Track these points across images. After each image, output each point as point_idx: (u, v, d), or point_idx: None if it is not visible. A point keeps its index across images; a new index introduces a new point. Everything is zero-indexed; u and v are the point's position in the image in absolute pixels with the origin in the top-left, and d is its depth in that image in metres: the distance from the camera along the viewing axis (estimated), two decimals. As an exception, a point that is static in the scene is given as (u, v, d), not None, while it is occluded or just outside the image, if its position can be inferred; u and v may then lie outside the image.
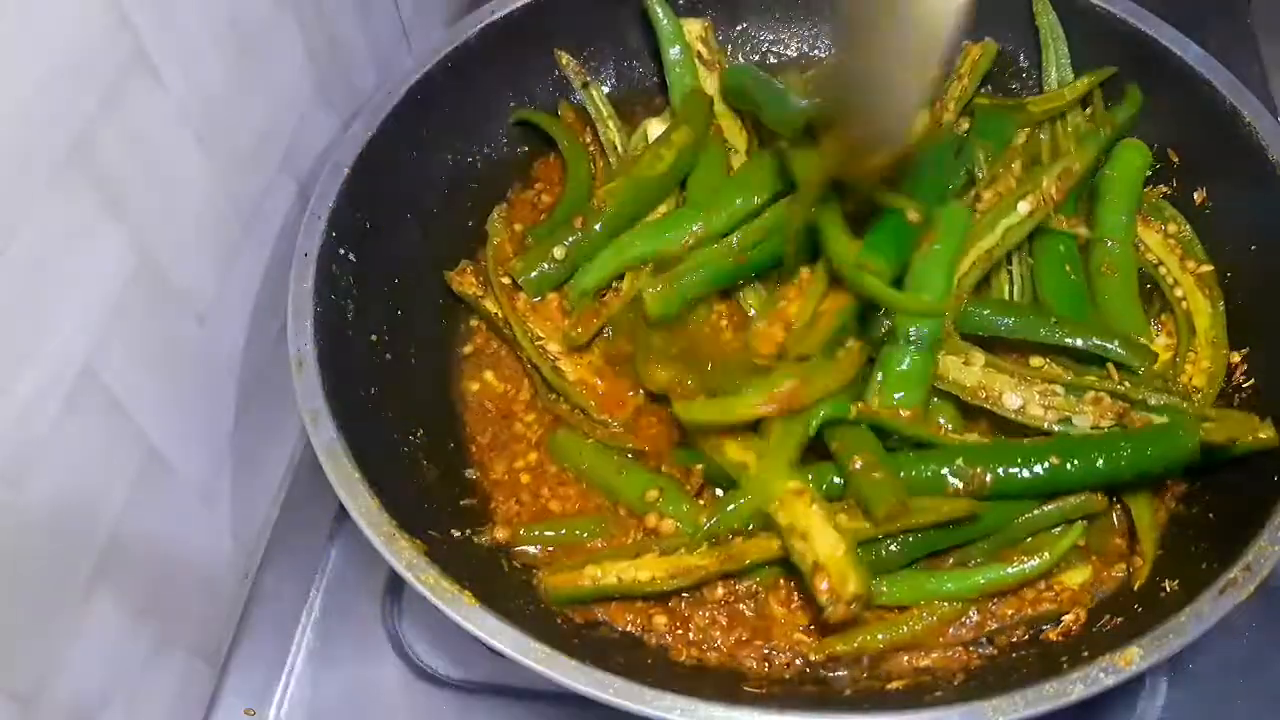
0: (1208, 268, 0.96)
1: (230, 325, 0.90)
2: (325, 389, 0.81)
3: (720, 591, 0.84)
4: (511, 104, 1.11)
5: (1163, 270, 0.98)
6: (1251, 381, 0.90)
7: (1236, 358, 0.92)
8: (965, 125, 1.08)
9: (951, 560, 0.85)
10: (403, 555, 0.74)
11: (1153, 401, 0.84)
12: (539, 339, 0.98)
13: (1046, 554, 0.82)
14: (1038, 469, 0.81)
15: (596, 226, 1.00)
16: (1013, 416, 0.86)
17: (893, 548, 0.82)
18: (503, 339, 1.01)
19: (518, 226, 1.07)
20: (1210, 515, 0.84)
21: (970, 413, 0.89)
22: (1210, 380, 0.91)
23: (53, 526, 0.68)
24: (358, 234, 0.92)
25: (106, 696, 0.77)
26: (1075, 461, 0.81)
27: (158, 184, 0.76)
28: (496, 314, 0.99)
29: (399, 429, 0.90)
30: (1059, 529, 0.85)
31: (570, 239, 0.99)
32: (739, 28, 1.19)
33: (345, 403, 0.82)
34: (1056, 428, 0.85)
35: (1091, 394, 0.86)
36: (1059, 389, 0.87)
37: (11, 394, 0.62)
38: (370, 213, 0.95)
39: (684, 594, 0.84)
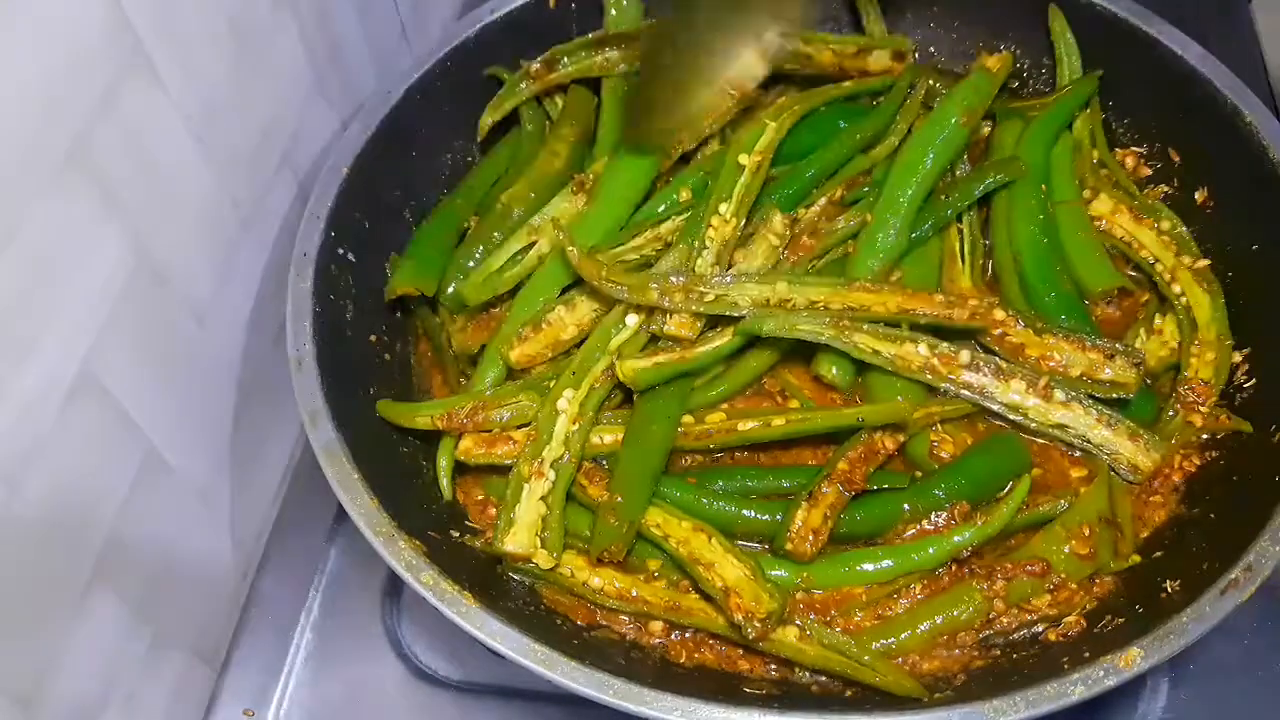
0: (1204, 262, 0.96)
1: (229, 325, 0.90)
2: (324, 389, 0.81)
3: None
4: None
5: (1159, 267, 0.98)
6: (1253, 381, 0.90)
7: (1238, 357, 0.92)
8: (986, 130, 1.07)
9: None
10: (402, 556, 0.74)
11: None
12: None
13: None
14: None
15: (497, 234, 0.98)
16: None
17: None
18: (431, 339, 0.98)
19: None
20: (1211, 515, 0.84)
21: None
22: (1217, 373, 0.91)
23: (51, 526, 0.68)
24: (357, 234, 0.92)
25: (105, 697, 0.77)
26: None
27: (157, 183, 0.76)
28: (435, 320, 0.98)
29: (398, 429, 0.90)
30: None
31: (478, 250, 0.98)
32: (739, 27, 1.18)
33: (344, 403, 0.82)
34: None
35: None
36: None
37: (10, 394, 0.62)
38: (369, 213, 0.95)
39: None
